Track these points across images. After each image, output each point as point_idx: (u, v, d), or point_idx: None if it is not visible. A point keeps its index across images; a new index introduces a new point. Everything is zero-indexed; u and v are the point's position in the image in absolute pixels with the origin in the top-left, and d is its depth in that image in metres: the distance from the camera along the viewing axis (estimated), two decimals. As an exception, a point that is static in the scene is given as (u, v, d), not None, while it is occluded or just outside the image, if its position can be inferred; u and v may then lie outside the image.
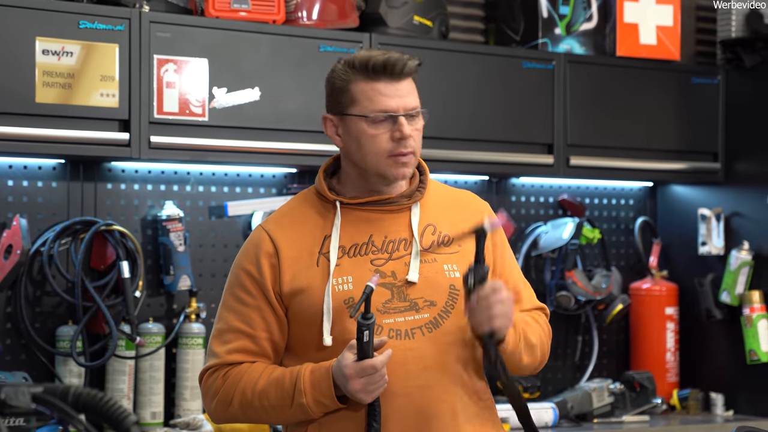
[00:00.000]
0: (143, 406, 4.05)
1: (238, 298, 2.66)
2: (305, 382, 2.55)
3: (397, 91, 2.63)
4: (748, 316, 4.81)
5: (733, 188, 4.99)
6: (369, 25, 4.35)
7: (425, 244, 2.68)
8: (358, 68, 2.62)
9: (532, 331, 2.72)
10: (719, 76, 5.00)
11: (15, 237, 3.83)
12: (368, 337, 2.47)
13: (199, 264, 4.27)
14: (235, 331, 2.65)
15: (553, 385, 4.99)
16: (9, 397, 1.67)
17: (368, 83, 2.62)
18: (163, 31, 3.90)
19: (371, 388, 2.50)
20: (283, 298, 2.64)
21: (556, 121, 4.62)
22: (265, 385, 2.59)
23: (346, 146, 2.67)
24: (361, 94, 2.62)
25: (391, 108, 2.61)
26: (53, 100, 3.71)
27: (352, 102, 2.63)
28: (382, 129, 2.62)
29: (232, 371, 2.63)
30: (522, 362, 2.69)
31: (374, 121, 2.61)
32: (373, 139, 2.62)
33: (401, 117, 2.61)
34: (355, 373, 2.48)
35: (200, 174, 4.28)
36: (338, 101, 2.66)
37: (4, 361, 3.93)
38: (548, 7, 4.71)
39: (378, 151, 2.62)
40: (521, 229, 4.92)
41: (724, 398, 4.94)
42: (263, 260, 2.64)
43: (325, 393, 2.53)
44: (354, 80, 2.63)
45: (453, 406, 2.62)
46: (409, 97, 2.64)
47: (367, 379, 2.48)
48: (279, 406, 2.58)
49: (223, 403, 2.63)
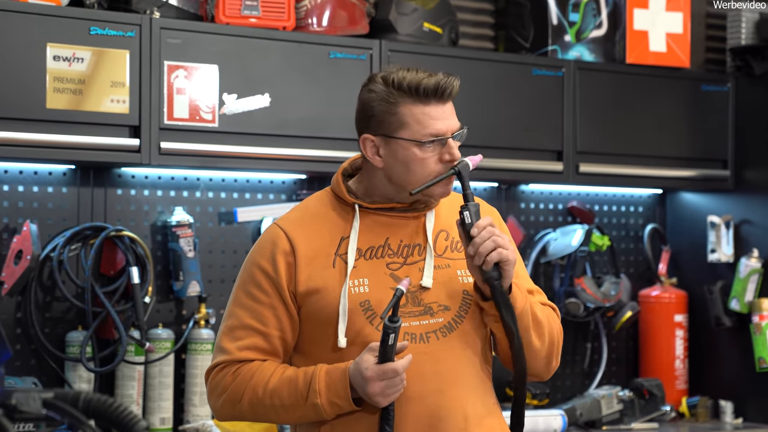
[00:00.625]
0: (152, 411, 4.06)
1: (251, 295, 2.65)
2: (320, 383, 2.54)
3: (444, 113, 2.62)
4: (757, 324, 4.80)
5: (743, 196, 4.98)
6: (379, 31, 4.36)
7: (438, 250, 2.69)
8: (407, 91, 2.59)
9: (539, 309, 2.70)
10: (729, 83, 4.99)
11: (25, 242, 3.84)
12: (393, 341, 2.47)
13: (208, 270, 4.28)
14: (247, 328, 2.63)
15: (562, 392, 4.99)
16: (20, 403, 1.67)
17: (418, 107, 2.59)
18: (174, 38, 3.91)
19: (390, 391, 2.50)
20: (297, 297, 2.63)
21: (565, 128, 4.62)
22: (278, 384, 2.58)
23: (387, 167, 2.64)
24: (411, 117, 2.59)
25: (441, 132, 2.61)
26: (64, 106, 3.72)
27: (401, 126, 2.60)
28: (430, 152, 2.61)
29: (242, 368, 2.62)
30: (532, 341, 2.65)
31: (426, 146, 2.61)
32: (423, 162, 2.61)
33: (450, 140, 2.62)
34: (376, 375, 2.48)
35: (210, 180, 4.28)
36: (383, 123, 2.62)
37: (13, 366, 3.93)
38: (558, 15, 4.71)
39: (428, 174, 2.61)
40: (530, 235, 4.92)
41: (733, 406, 4.93)
42: (279, 258, 2.63)
43: (341, 395, 2.53)
44: (402, 103, 2.60)
45: (464, 410, 2.63)
46: (454, 118, 2.64)
47: (387, 383, 2.48)
48: (291, 406, 2.57)
49: (232, 401, 2.62)
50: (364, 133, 2.66)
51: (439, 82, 2.59)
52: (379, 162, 2.64)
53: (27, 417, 1.68)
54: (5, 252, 3.89)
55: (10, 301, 3.94)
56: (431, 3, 4.45)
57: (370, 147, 2.65)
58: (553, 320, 2.76)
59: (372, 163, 2.65)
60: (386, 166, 2.64)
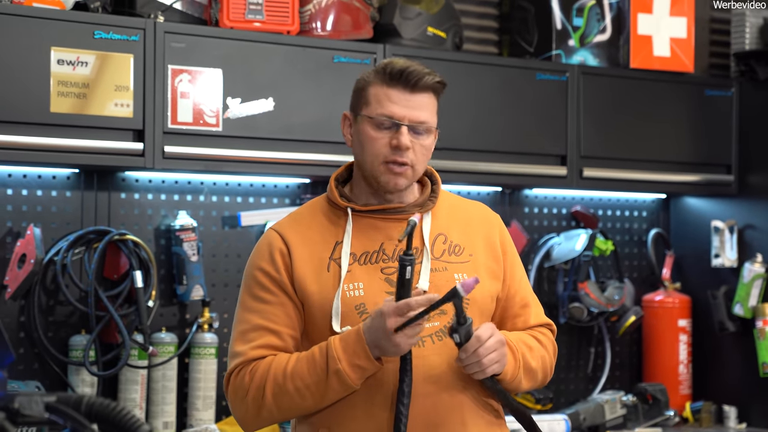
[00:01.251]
0: (155, 415, 4.06)
1: (258, 298, 2.65)
2: (337, 350, 2.52)
3: (408, 102, 2.64)
4: (761, 329, 4.80)
5: (747, 200, 4.98)
6: (383, 36, 4.36)
7: (436, 253, 2.69)
8: (379, 72, 2.66)
9: (532, 356, 2.72)
10: (733, 88, 4.99)
11: (29, 246, 3.84)
12: (410, 274, 2.47)
13: (212, 274, 4.28)
14: (259, 329, 2.63)
15: (565, 396, 4.99)
16: (23, 406, 1.67)
17: (383, 87, 2.65)
18: (178, 42, 3.91)
19: (409, 332, 2.47)
20: (297, 294, 2.64)
21: (569, 133, 4.62)
22: (296, 366, 2.56)
23: (354, 147, 2.71)
24: (374, 96, 2.66)
25: (397, 115, 2.63)
26: (68, 109, 3.72)
27: (365, 103, 2.67)
28: (383, 134, 2.64)
29: (258, 365, 2.60)
30: (521, 387, 2.70)
31: (377, 125, 2.64)
32: (373, 141, 2.64)
33: (404, 126, 2.62)
34: (392, 311, 2.45)
35: (214, 184, 4.28)
36: (355, 100, 2.71)
37: (17, 370, 3.93)
38: (562, 19, 4.71)
39: (375, 153, 2.64)
40: (534, 240, 4.92)
41: (737, 411, 4.93)
42: (277, 257, 2.65)
43: (360, 354, 2.50)
44: (372, 83, 2.67)
45: (462, 415, 2.63)
46: (420, 111, 2.65)
47: (404, 319, 2.45)
48: (314, 384, 2.54)
49: (256, 399, 2.58)
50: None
51: (407, 68, 2.64)
52: (348, 140, 2.72)
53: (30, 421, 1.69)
54: (9, 256, 3.89)
55: (13, 305, 3.94)
56: (435, 7, 4.45)
57: (346, 125, 2.74)
58: (547, 355, 2.78)
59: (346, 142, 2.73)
60: (353, 144, 2.71)
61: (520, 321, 2.78)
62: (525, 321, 2.78)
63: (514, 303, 2.78)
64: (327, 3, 4.22)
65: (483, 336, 2.53)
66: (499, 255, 2.77)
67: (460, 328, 2.52)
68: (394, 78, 2.64)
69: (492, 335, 2.55)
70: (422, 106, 2.65)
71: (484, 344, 2.53)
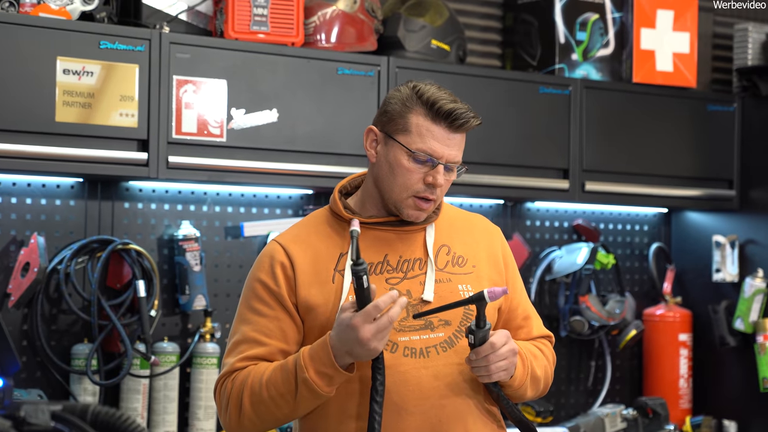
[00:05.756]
0: (157, 425, 4.06)
1: (255, 310, 2.66)
2: (305, 358, 2.53)
3: (449, 141, 2.64)
4: (761, 344, 4.80)
5: (748, 215, 4.99)
6: (387, 48, 4.37)
7: (440, 264, 2.70)
8: (424, 103, 2.63)
9: (538, 365, 2.75)
10: (735, 103, 5.00)
11: (32, 255, 3.85)
12: (366, 283, 2.46)
13: (214, 284, 4.28)
14: (250, 341, 2.64)
15: (566, 409, 4.99)
16: (28, 415, 1.68)
17: (426, 121, 2.63)
18: (183, 52, 3.92)
19: (381, 334, 2.46)
20: (299, 309, 2.65)
21: (571, 146, 4.63)
22: (271, 374, 2.57)
23: (378, 164, 2.68)
24: (415, 127, 2.64)
25: (437, 153, 2.63)
26: (73, 119, 3.74)
27: (404, 130, 2.64)
28: (418, 168, 2.64)
29: (239, 374, 2.62)
30: (526, 396, 2.73)
31: (415, 158, 2.63)
32: (407, 174, 2.64)
33: (441, 165, 2.63)
34: (362, 320, 2.45)
35: (217, 194, 4.29)
36: (391, 122, 2.67)
37: (19, 378, 3.94)
38: (565, 33, 4.73)
39: (406, 185, 2.64)
40: (536, 253, 4.93)
41: (737, 426, 4.93)
42: (278, 271, 2.65)
43: (326, 362, 2.50)
44: (415, 111, 2.64)
45: (465, 425, 2.65)
46: (457, 150, 2.66)
47: (376, 324, 2.46)
48: (287, 393, 2.54)
49: (236, 407, 2.60)
50: (374, 125, 2.71)
51: (456, 110, 2.63)
52: (373, 156, 2.69)
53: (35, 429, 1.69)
54: (12, 264, 3.90)
55: (16, 314, 3.95)
56: (439, 20, 4.47)
57: (371, 139, 2.70)
58: (549, 365, 2.82)
59: (368, 156, 2.71)
60: (377, 163, 2.68)
61: (523, 332, 2.80)
62: (528, 332, 2.81)
63: (516, 315, 2.81)
64: (331, 15, 4.24)
65: (497, 343, 2.56)
66: (501, 267, 2.79)
67: (478, 331, 2.55)
68: (440, 116, 2.63)
69: (506, 344, 2.58)
70: (458, 145, 2.67)
71: (496, 351, 2.56)
